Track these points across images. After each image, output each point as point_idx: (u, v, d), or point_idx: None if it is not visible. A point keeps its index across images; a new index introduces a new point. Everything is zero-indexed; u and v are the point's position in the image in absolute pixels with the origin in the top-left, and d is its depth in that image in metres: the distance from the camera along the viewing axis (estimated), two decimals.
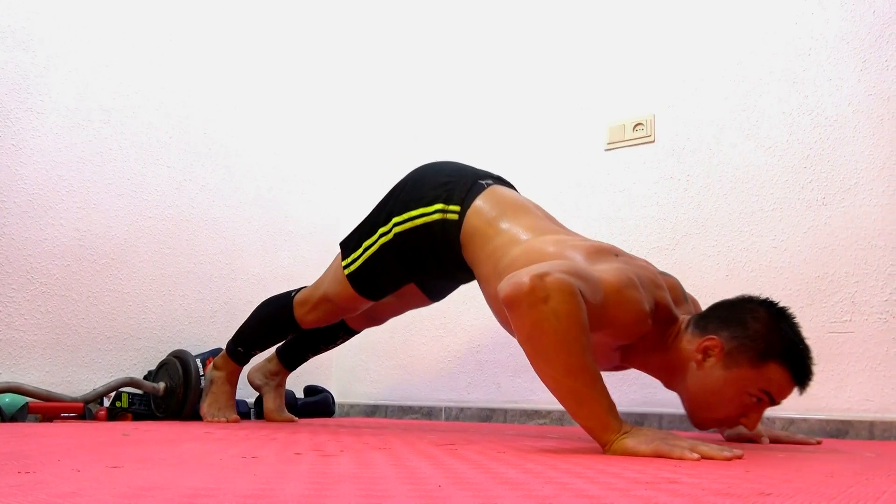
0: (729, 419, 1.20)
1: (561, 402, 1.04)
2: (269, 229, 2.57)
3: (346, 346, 2.15)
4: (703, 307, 1.35)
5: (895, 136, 1.79)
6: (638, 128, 2.19)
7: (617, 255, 1.30)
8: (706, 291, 1.68)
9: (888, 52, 1.83)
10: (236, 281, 2.43)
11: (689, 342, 1.22)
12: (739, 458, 0.94)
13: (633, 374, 1.99)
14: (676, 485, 0.66)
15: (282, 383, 2.01)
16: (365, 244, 1.59)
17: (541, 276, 1.01)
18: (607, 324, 1.13)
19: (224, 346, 2.21)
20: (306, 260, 2.69)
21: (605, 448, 1.01)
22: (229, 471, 0.73)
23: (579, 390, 1.01)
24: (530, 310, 1.00)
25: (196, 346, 2.22)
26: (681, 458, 0.92)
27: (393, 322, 2.04)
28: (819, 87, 1.92)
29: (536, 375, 1.05)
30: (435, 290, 1.77)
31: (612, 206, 2.20)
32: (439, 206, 1.49)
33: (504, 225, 1.41)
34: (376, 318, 1.91)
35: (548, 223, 1.46)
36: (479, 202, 1.47)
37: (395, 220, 1.54)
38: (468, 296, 2.13)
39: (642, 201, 2.14)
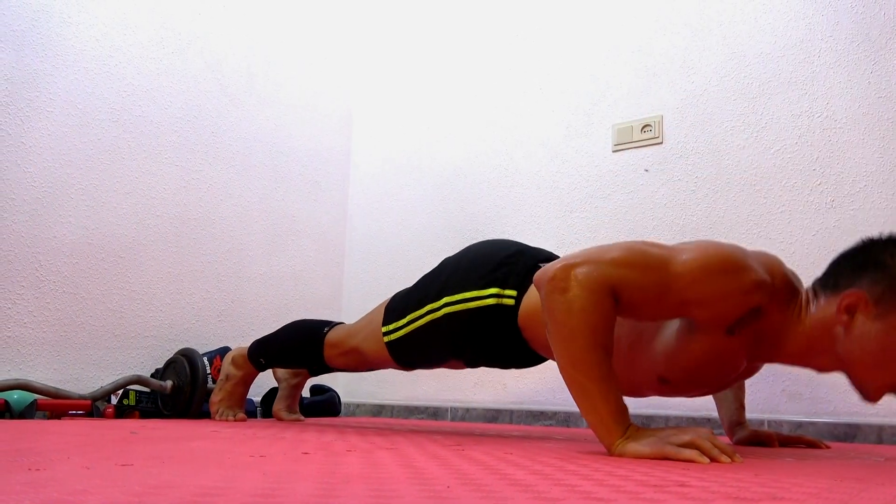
0: None
1: (570, 392, 1.05)
2: (276, 229, 2.57)
3: None
4: None
5: None
6: (646, 129, 2.18)
7: None
8: None
9: None
10: (243, 280, 2.44)
11: (826, 307, 1.07)
12: (739, 462, 0.93)
13: None
14: (686, 487, 0.66)
15: (301, 384, 2.01)
16: (410, 316, 1.49)
17: (569, 267, 1.04)
18: (694, 302, 1.05)
19: (230, 346, 2.22)
20: (313, 260, 2.69)
21: (609, 451, 1.01)
22: (238, 469, 0.74)
23: (584, 384, 1.01)
24: (547, 298, 1.05)
25: (203, 344, 2.23)
26: (689, 461, 0.91)
27: None
28: (829, 89, 1.91)
29: (543, 377, 1.05)
30: (475, 364, 1.58)
31: (619, 207, 2.19)
32: (494, 290, 1.38)
33: None
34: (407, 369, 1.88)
35: None
36: None
37: (447, 299, 1.43)
38: None
39: (650, 203, 2.14)
